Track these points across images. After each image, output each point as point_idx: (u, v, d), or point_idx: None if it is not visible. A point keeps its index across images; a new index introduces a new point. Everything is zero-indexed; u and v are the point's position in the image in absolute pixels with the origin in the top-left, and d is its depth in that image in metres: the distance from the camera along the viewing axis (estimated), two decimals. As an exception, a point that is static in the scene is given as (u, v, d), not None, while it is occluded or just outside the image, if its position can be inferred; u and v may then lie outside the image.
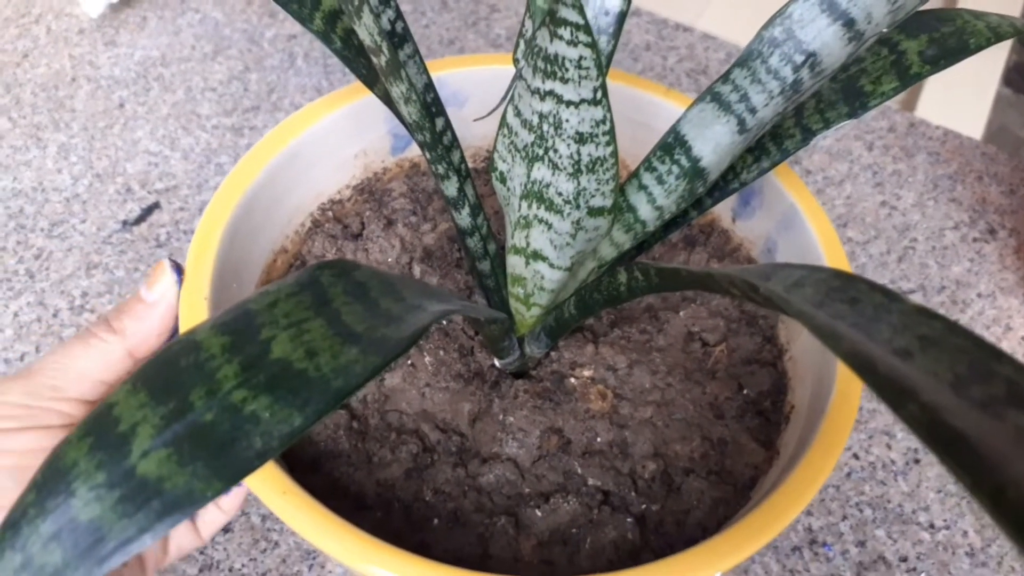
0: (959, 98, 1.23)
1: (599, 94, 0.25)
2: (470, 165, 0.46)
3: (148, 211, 0.64)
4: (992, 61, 1.40)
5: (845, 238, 0.65)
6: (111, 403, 0.18)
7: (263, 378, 0.19)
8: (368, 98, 0.40)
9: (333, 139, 0.40)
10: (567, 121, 0.26)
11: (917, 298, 0.60)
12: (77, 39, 0.76)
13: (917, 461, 0.53)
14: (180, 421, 0.18)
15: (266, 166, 0.37)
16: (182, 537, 0.37)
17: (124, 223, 0.63)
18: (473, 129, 0.43)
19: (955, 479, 0.13)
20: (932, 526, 0.51)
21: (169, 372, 0.19)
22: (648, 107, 0.42)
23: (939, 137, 0.72)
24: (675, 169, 0.31)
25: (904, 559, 0.50)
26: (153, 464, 0.17)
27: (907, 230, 0.65)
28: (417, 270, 0.40)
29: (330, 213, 0.42)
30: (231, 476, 0.17)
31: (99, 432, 0.18)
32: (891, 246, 0.64)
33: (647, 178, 0.32)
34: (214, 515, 0.37)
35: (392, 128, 0.43)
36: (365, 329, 0.21)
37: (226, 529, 0.48)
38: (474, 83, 0.43)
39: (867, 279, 0.19)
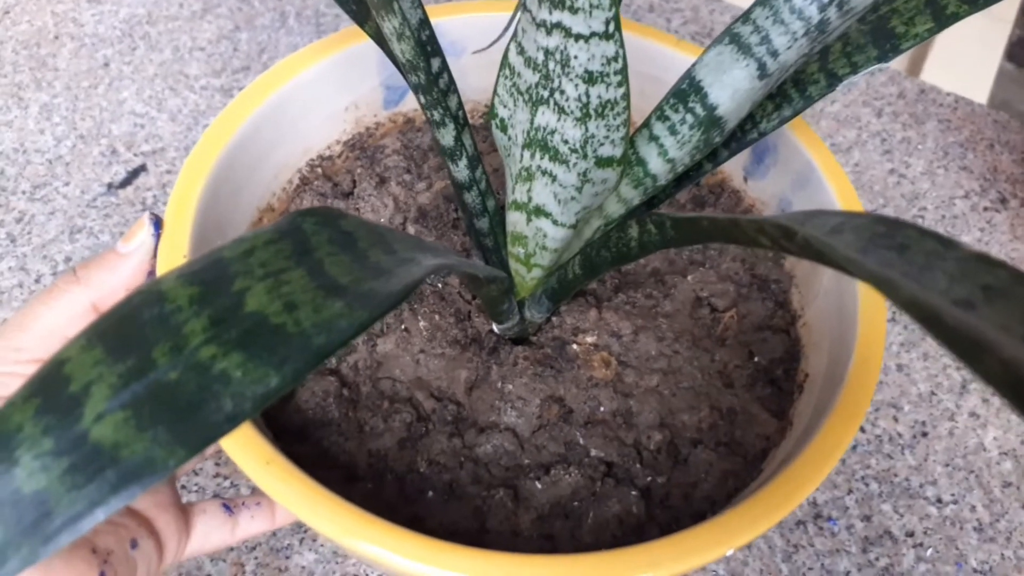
0: (961, 74, 1.21)
1: (611, 26, 0.23)
2: (469, 121, 0.44)
3: (134, 174, 0.62)
4: (995, 36, 1.37)
5: (855, 206, 0.63)
6: (61, 359, 0.16)
7: (235, 333, 0.17)
8: (359, 46, 0.38)
9: (321, 90, 0.38)
10: (575, 58, 0.24)
11: (928, 267, 0.58)
12: (59, -5, 0.73)
13: (924, 434, 0.52)
14: (140, 380, 0.16)
15: (249, 118, 0.35)
16: (213, 528, 0.33)
17: (109, 186, 0.61)
18: (471, 82, 0.41)
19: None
20: (939, 500, 0.49)
21: (129, 325, 0.17)
22: (658, 58, 0.39)
23: (950, 104, 0.70)
24: (689, 118, 0.29)
25: (911, 534, 0.48)
26: (108, 429, 0.15)
27: (916, 199, 0.63)
28: (411, 230, 0.38)
29: (319, 170, 0.40)
30: (197, 442, 0.15)
31: (47, 393, 0.16)
32: (900, 215, 0.62)
33: (659, 128, 0.30)
34: (261, 522, 0.34)
35: (385, 79, 0.40)
36: (351, 281, 0.19)
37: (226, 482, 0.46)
38: (474, 31, 0.40)
39: (916, 224, 0.17)
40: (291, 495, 0.26)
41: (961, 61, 1.20)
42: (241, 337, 0.17)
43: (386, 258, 0.21)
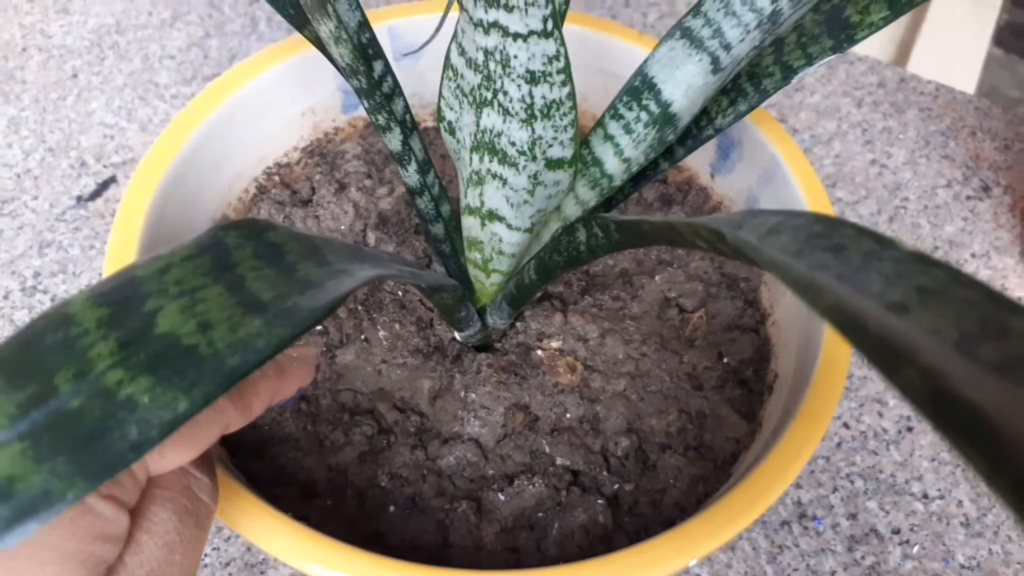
0: (949, 59, 1.20)
1: (550, 24, 0.22)
2: (430, 124, 0.43)
3: (104, 186, 0.61)
4: (983, 21, 1.36)
5: (834, 198, 0.62)
6: (-45, 389, 0.15)
7: (144, 356, 0.16)
8: (314, 51, 0.37)
9: (276, 96, 0.37)
10: (515, 57, 0.23)
11: (910, 259, 0.58)
12: (27, 7, 0.72)
13: (910, 429, 0.51)
14: (40, 409, 0.15)
15: (200, 127, 0.34)
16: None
17: (79, 199, 0.60)
18: (431, 84, 0.40)
19: (966, 463, 0.10)
20: (926, 496, 0.49)
21: (31, 351, 0.16)
22: (620, 55, 0.39)
23: (931, 92, 0.69)
24: (643, 116, 0.28)
25: (897, 531, 0.48)
26: (4, 461, 0.14)
27: (898, 189, 0.62)
28: (372, 237, 0.37)
29: (276, 177, 0.39)
30: (99, 473, 0.15)
31: (-61, 424, 0.15)
32: (882, 206, 0.61)
33: (613, 127, 0.29)
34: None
35: (343, 83, 0.39)
36: (273, 297, 0.18)
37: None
38: (431, 32, 0.39)
39: (854, 223, 0.16)
40: (238, 516, 0.26)
41: (949, 47, 1.19)
42: (150, 360, 0.16)
43: (317, 271, 0.20)
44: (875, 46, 1.14)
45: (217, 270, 0.18)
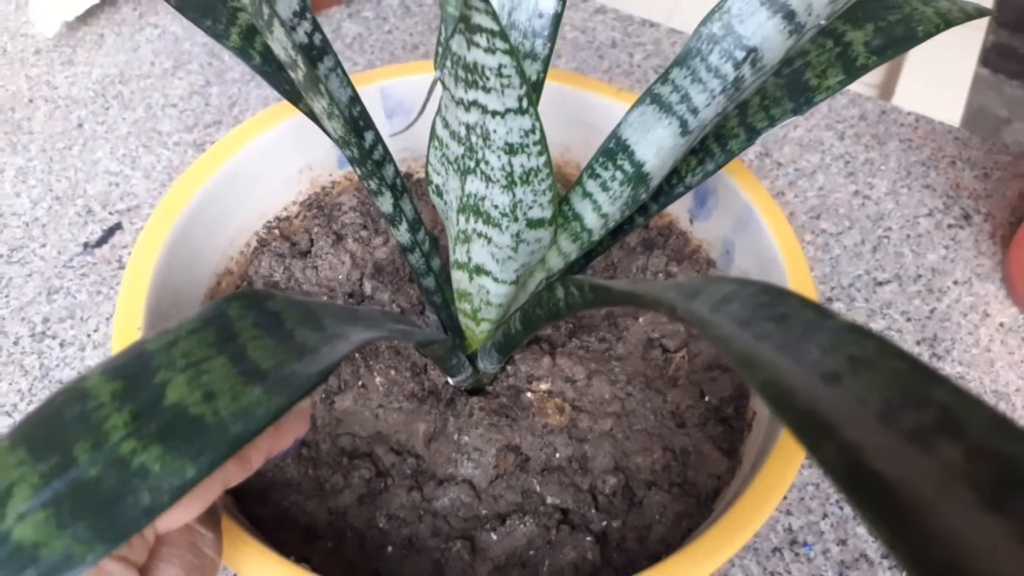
0: (937, 80, 1.23)
1: (525, 103, 0.24)
2: (423, 175, 0.45)
3: (110, 232, 0.63)
4: (969, 42, 1.39)
5: (819, 230, 0.64)
6: (-15, 463, 0.17)
7: (155, 427, 0.18)
8: (309, 111, 0.39)
9: (274, 155, 0.39)
10: (495, 132, 0.25)
11: (893, 288, 0.59)
12: (34, 59, 0.75)
13: (898, 456, 0.52)
14: (61, 478, 0.17)
15: (202, 187, 0.36)
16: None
17: (85, 245, 0.62)
18: (425, 138, 0.42)
19: (873, 532, 0.12)
20: (915, 522, 0.50)
21: (52, 425, 0.18)
22: (600, 109, 0.41)
23: (911, 123, 0.71)
24: (619, 175, 0.30)
25: (887, 556, 0.49)
26: (30, 528, 0.16)
27: (881, 219, 0.64)
28: (368, 286, 0.39)
29: (276, 231, 0.41)
30: (115, 537, 0.16)
31: (-29, 496, 0.16)
32: (865, 236, 0.63)
33: (591, 185, 0.31)
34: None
35: (337, 141, 0.41)
36: (273, 365, 0.20)
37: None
38: (422, 92, 0.41)
39: (798, 294, 0.18)
40: (243, 562, 0.27)
41: (937, 68, 1.21)
42: (160, 430, 0.18)
43: (313, 336, 0.22)
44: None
45: (221, 341, 0.20)
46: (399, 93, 0.41)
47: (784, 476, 0.30)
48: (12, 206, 0.63)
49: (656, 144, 0.29)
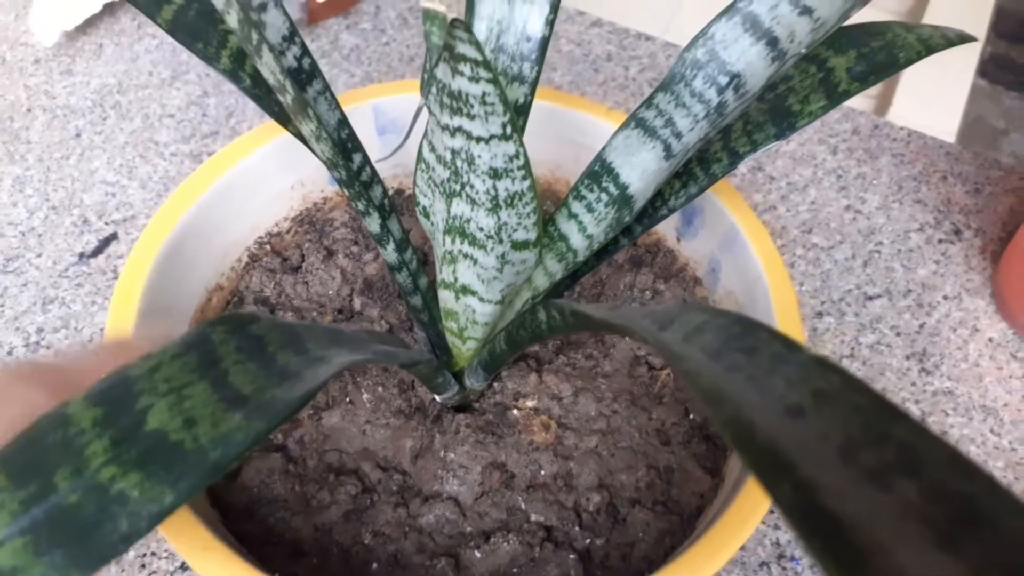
0: (934, 92, 1.23)
1: (508, 129, 0.25)
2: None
3: (105, 242, 0.63)
4: (967, 53, 1.39)
5: (810, 244, 0.64)
6: (-33, 489, 0.17)
7: (135, 453, 0.18)
8: (301, 128, 0.39)
9: (267, 171, 0.39)
10: (479, 157, 0.25)
11: (883, 302, 0.60)
12: (32, 69, 0.75)
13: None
14: (40, 505, 0.17)
15: (195, 203, 0.36)
16: None
17: (81, 255, 0.62)
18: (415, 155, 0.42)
19: (824, 572, 0.12)
20: (903, 537, 0.50)
21: (34, 451, 0.18)
22: (590, 128, 0.41)
23: (903, 138, 0.71)
24: (604, 197, 0.30)
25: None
26: (8, 555, 0.16)
27: (872, 234, 0.65)
28: (358, 302, 0.39)
29: (268, 246, 0.41)
30: (91, 564, 0.16)
31: (-50, 523, 0.17)
32: (856, 250, 0.63)
33: (576, 206, 0.31)
34: None
35: (329, 157, 0.42)
36: (254, 391, 0.20)
37: (183, 568, 0.47)
38: (414, 110, 0.42)
39: (769, 327, 0.18)
40: (228, 580, 0.27)
41: (934, 80, 1.22)
42: (140, 456, 0.18)
43: (296, 359, 0.22)
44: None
45: (203, 366, 0.20)
46: (392, 111, 0.41)
47: (763, 496, 0.30)
48: (8, 216, 0.64)
49: (640, 167, 0.29)
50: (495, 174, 0.26)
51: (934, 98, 1.21)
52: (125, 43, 0.77)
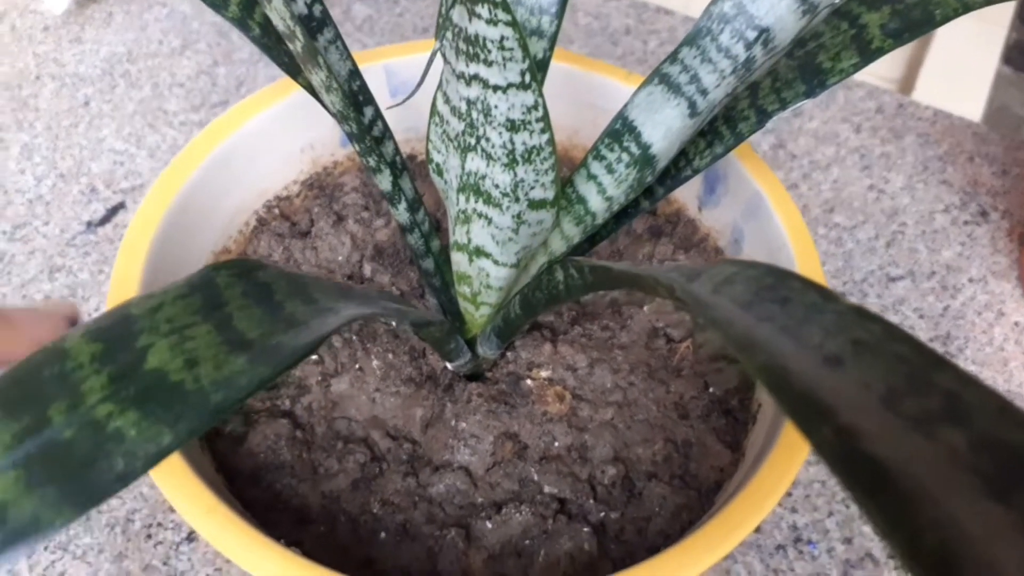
0: (958, 76, 1.21)
1: (527, 77, 0.23)
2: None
3: (113, 211, 0.62)
4: (991, 39, 1.37)
5: (832, 223, 0.63)
6: (-44, 423, 0.16)
7: (134, 391, 0.17)
8: (313, 88, 0.38)
9: (276, 133, 0.38)
10: (496, 107, 0.24)
11: (906, 284, 0.58)
12: (41, 36, 0.74)
13: (906, 455, 0.51)
14: (34, 439, 0.16)
15: (202, 163, 0.35)
16: None
17: (88, 224, 0.61)
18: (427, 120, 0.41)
19: (867, 518, 0.11)
20: (921, 522, 0.49)
21: (28, 383, 0.17)
22: (610, 92, 0.40)
23: (929, 118, 0.69)
24: (625, 157, 0.29)
25: (893, 555, 0.48)
26: (-1, 488, 0.15)
27: (896, 214, 0.63)
28: (368, 268, 0.38)
29: (276, 210, 0.40)
30: (84, 502, 0.16)
31: (-62, 456, 0.16)
32: (879, 231, 0.62)
33: (596, 167, 0.30)
34: None
35: (341, 119, 0.41)
36: (259, 336, 0.19)
37: (189, 538, 0.47)
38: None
39: (801, 276, 0.17)
40: (233, 545, 0.27)
41: (957, 67, 1.20)
42: (139, 395, 0.17)
43: (304, 309, 0.21)
44: (883, 66, 1.15)
45: (207, 309, 0.20)
46: (404, 72, 0.40)
47: (787, 471, 0.29)
48: (16, 183, 0.63)
49: (664, 125, 0.28)
50: (512, 126, 0.25)
51: (957, 84, 1.19)
52: (135, 11, 0.76)
